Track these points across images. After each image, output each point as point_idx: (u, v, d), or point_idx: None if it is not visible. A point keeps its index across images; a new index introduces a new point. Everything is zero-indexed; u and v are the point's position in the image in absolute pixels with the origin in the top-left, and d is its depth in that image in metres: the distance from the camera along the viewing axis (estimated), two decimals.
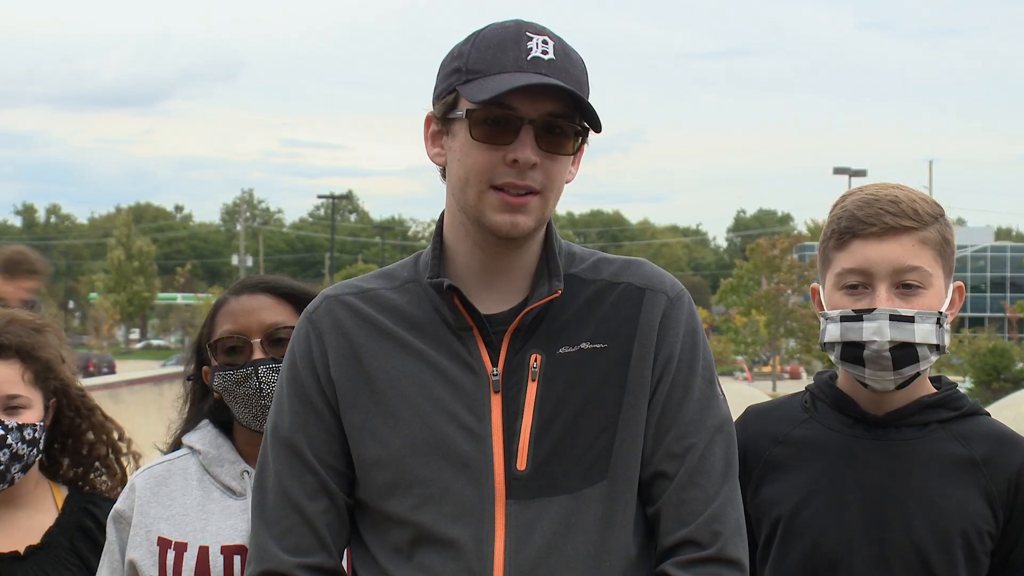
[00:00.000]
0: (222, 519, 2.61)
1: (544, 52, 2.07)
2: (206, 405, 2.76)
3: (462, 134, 2.09)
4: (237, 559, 2.55)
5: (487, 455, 2.08)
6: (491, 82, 2.05)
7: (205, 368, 2.73)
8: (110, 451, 3.03)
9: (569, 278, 2.18)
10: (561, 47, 2.10)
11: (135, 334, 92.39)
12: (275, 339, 2.64)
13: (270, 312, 2.66)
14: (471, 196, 2.09)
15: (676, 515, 2.10)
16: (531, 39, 2.08)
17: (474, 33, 2.13)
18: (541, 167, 2.07)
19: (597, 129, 2.11)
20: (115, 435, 3.04)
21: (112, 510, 2.72)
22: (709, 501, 2.10)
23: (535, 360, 2.12)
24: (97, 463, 3.01)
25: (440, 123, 2.15)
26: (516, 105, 2.05)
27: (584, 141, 2.14)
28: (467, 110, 2.07)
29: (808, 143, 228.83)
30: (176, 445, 2.78)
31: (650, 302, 2.17)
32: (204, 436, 2.71)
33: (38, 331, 2.92)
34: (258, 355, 2.63)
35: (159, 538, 2.61)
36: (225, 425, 2.73)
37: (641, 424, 2.12)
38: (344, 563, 2.23)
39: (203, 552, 2.57)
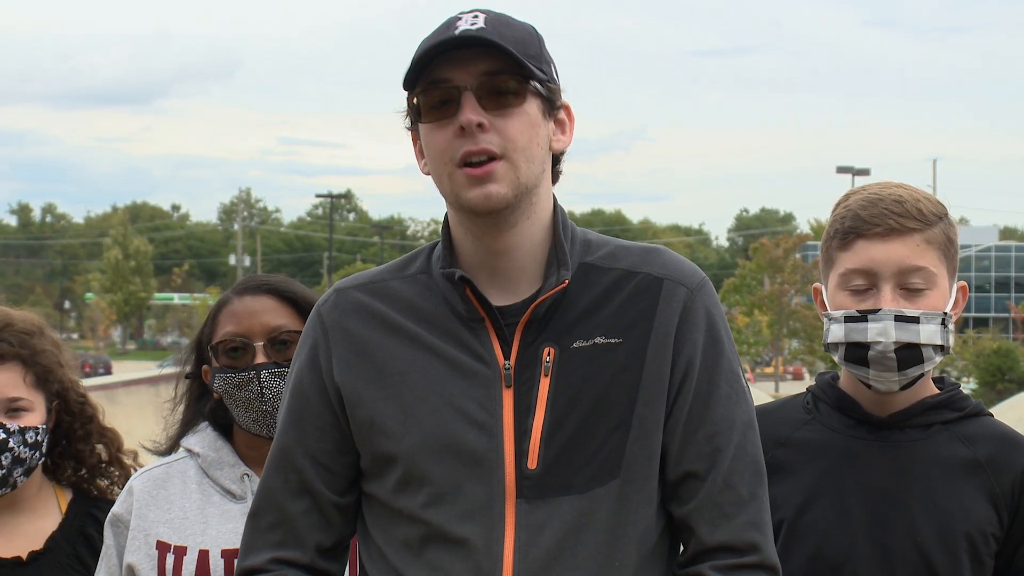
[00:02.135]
0: (222, 523, 2.60)
1: (473, 24, 2.05)
2: (204, 405, 2.74)
3: (420, 125, 2.11)
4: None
5: (498, 452, 2.06)
6: (419, 64, 2.06)
7: (205, 367, 2.71)
8: (113, 455, 3.01)
9: (585, 267, 2.15)
10: (496, 17, 2.08)
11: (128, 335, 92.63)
12: (278, 342, 2.62)
13: (274, 315, 2.64)
14: (445, 182, 2.09)
15: (711, 518, 2.07)
16: (461, 18, 2.07)
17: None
18: (493, 128, 2.04)
19: (536, 79, 2.07)
20: (114, 447, 3.02)
21: (109, 513, 2.71)
22: (745, 504, 2.08)
23: (548, 354, 2.08)
24: (102, 466, 2.99)
25: (415, 132, 2.16)
26: (450, 76, 2.05)
27: (554, 104, 2.13)
28: (414, 100, 2.10)
29: (811, 142, 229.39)
30: (173, 446, 2.77)
31: (668, 293, 2.12)
32: (203, 439, 2.70)
33: (36, 333, 2.91)
34: (260, 359, 2.61)
35: (158, 542, 2.60)
36: (225, 428, 2.71)
37: (658, 422, 2.08)
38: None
39: (203, 556, 2.56)
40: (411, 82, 2.08)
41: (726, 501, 2.07)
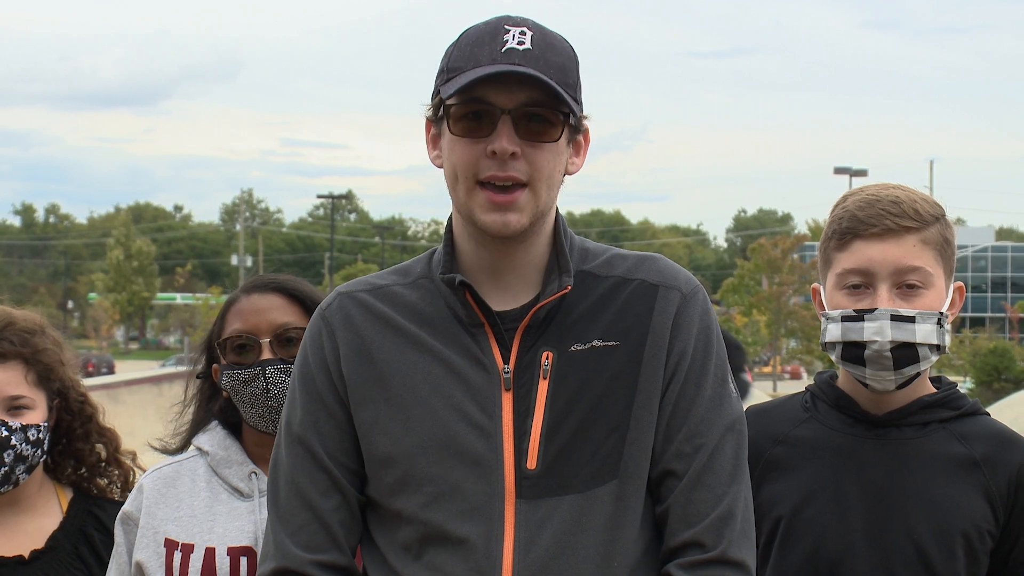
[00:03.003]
0: (229, 520, 2.61)
1: (520, 43, 2.06)
2: (215, 405, 2.76)
3: (446, 131, 2.11)
4: (244, 560, 2.56)
5: (497, 453, 2.08)
6: (464, 77, 2.06)
7: (215, 366, 2.74)
8: (111, 454, 3.02)
9: (582, 274, 2.18)
10: (541, 36, 2.09)
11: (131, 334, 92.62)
12: (284, 339, 2.64)
13: (280, 312, 2.66)
14: (461, 194, 2.11)
15: (683, 515, 2.09)
16: (508, 31, 2.08)
17: (462, 32, 2.14)
18: (524, 157, 2.07)
19: (575, 115, 2.10)
20: (113, 446, 3.03)
21: (120, 512, 2.73)
22: (717, 502, 2.10)
23: (546, 358, 2.11)
24: (101, 465, 3.00)
25: (435, 126, 2.17)
26: (491, 97, 2.05)
27: (578, 130, 2.15)
28: (446, 107, 2.09)
29: (809, 143, 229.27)
30: (184, 446, 2.79)
31: (663, 299, 2.16)
32: (213, 437, 2.72)
33: (37, 332, 2.92)
34: (267, 355, 2.63)
35: (166, 539, 2.62)
36: (234, 426, 2.74)
37: (652, 422, 2.11)
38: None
39: (209, 553, 2.57)
40: (459, 94, 2.07)
41: (698, 499, 2.09)
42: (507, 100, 2.05)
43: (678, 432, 2.11)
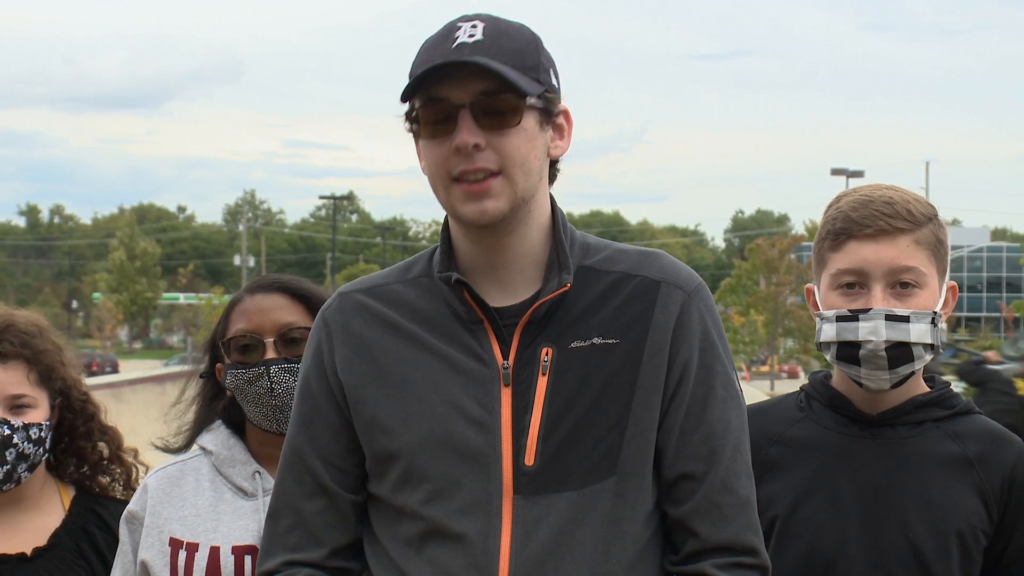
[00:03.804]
0: (234, 519, 2.63)
1: (471, 36, 2.05)
2: (219, 404, 2.78)
3: (420, 137, 2.12)
4: (248, 559, 2.58)
5: (496, 449, 2.08)
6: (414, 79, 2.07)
7: (219, 365, 2.75)
8: (114, 452, 3.04)
9: (583, 270, 2.17)
10: (494, 26, 2.08)
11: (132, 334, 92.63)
12: (288, 339, 2.66)
13: (284, 312, 2.68)
14: (442, 194, 2.11)
15: (711, 519, 2.10)
16: (460, 27, 2.07)
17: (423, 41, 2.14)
18: (490, 146, 2.05)
19: (524, 95, 2.05)
20: (115, 444, 3.05)
21: (125, 511, 2.75)
22: (742, 505, 2.12)
23: (546, 354, 2.11)
24: (103, 463, 3.02)
25: (415, 136, 2.16)
26: (447, 94, 2.04)
27: (551, 111, 2.12)
28: (411, 113, 2.10)
29: (806, 144, 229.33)
30: (188, 445, 2.81)
31: (665, 297, 2.15)
32: (216, 437, 2.74)
33: (37, 334, 2.93)
34: (271, 355, 2.65)
35: (171, 538, 2.63)
36: (238, 426, 2.75)
37: (653, 421, 2.11)
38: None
39: (214, 552, 2.59)
40: (409, 95, 2.08)
41: (725, 503, 2.11)
42: (462, 95, 2.05)
43: (693, 434, 2.12)
